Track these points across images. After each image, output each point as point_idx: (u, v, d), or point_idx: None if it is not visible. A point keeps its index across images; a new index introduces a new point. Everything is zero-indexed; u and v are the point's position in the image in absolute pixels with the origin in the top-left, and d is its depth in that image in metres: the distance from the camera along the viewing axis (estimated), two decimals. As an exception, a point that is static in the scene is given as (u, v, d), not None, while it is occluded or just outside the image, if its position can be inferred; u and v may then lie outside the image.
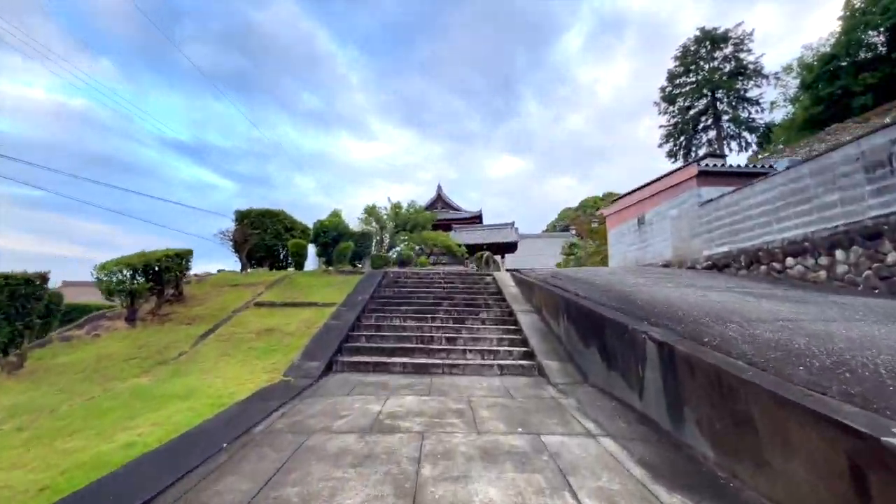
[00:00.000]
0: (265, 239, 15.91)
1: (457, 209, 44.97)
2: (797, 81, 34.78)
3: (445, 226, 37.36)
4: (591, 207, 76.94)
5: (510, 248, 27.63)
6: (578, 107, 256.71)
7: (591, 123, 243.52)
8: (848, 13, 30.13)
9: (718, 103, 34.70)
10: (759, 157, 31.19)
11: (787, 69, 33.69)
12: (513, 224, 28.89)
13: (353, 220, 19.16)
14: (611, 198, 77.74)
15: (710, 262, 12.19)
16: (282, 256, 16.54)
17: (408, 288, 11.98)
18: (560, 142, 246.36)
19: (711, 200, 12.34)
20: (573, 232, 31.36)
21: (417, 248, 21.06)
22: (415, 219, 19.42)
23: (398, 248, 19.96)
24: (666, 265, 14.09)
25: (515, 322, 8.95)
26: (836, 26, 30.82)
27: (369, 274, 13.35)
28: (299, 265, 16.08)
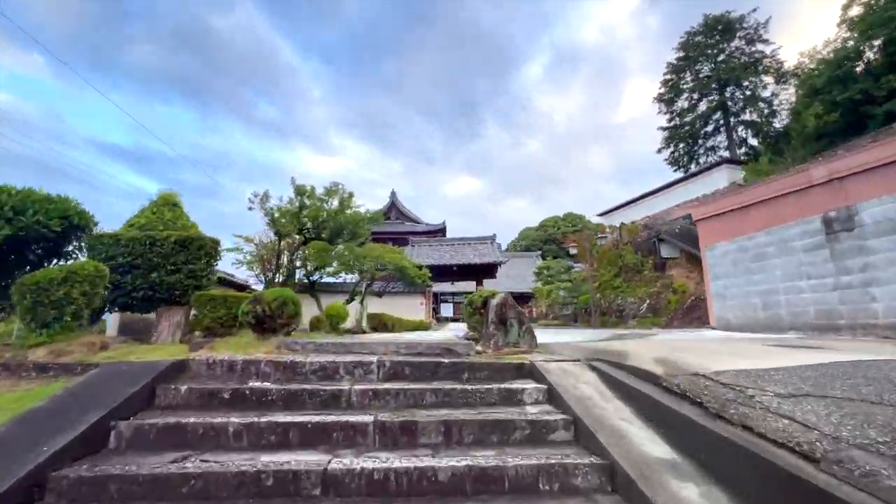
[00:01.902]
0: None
1: (415, 220, 36.25)
2: (790, 90, 30.07)
3: (400, 240, 28.41)
4: (551, 227, 71.47)
5: (490, 271, 19.49)
6: (535, 132, 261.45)
7: (546, 149, 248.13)
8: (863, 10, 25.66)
9: (729, 102, 29.12)
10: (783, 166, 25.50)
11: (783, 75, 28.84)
12: (493, 238, 20.72)
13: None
14: (571, 219, 72.28)
15: None
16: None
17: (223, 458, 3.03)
18: (517, 165, 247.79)
19: None
20: (569, 250, 23.85)
21: (346, 275, 12.24)
22: (341, 219, 10.41)
23: (304, 273, 11.04)
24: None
25: None
26: (830, 33, 26.24)
27: (106, 374, 4.14)
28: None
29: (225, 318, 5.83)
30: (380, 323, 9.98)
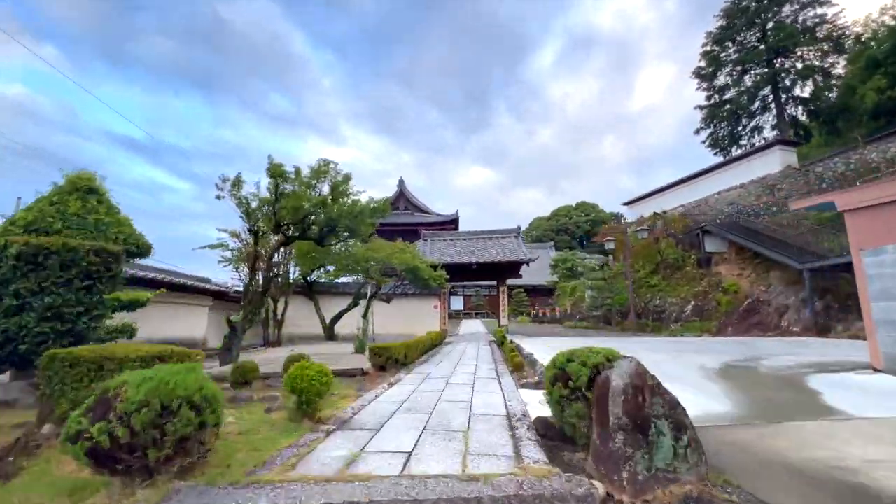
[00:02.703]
0: None
1: (425, 211, 33.58)
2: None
3: (409, 232, 25.82)
4: (563, 217, 68.05)
5: (514, 269, 16.81)
6: (548, 121, 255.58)
7: (559, 139, 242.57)
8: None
9: (780, 76, 25.68)
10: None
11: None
12: (518, 232, 17.92)
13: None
14: (584, 208, 68.61)
15: None
16: None
17: None
18: (528, 155, 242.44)
19: None
20: (605, 245, 20.91)
21: (349, 277, 9.71)
22: (333, 211, 7.66)
23: (300, 273, 8.49)
24: None
25: None
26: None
27: None
28: None
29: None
30: (388, 359, 7.46)
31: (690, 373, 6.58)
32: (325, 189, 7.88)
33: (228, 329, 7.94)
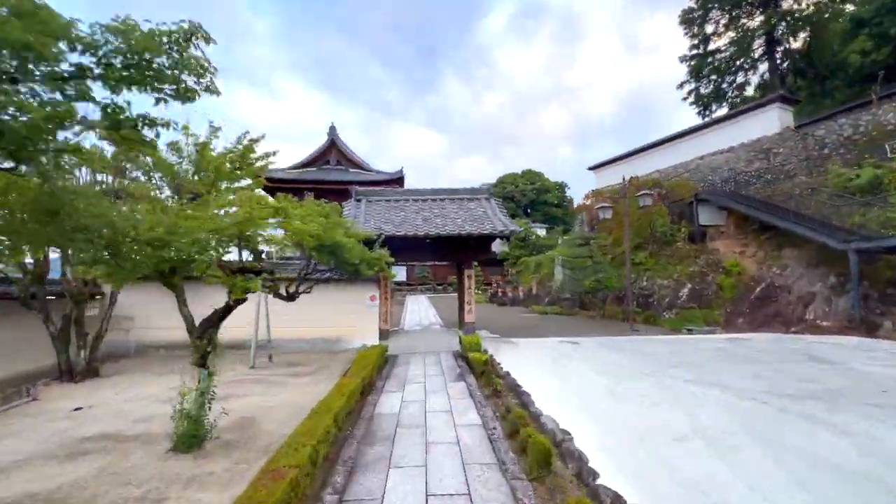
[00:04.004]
0: None
1: (362, 167, 27.35)
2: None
3: (342, 192, 19.88)
4: (509, 184, 64.45)
5: (485, 247, 11.71)
6: (495, 88, 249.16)
7: (504, 106, 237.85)
8: None
9: (780, 23, 22.42)
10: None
11: None
12: (490, 193, 12.77)
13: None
14: (530, 176, 65.35)
15: None
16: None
17: None
18: (474, 122, 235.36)
19: None
20: (600, 215, 16.75)
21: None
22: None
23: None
24: None
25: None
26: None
27: None
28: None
29: None
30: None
31: None
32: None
33: None
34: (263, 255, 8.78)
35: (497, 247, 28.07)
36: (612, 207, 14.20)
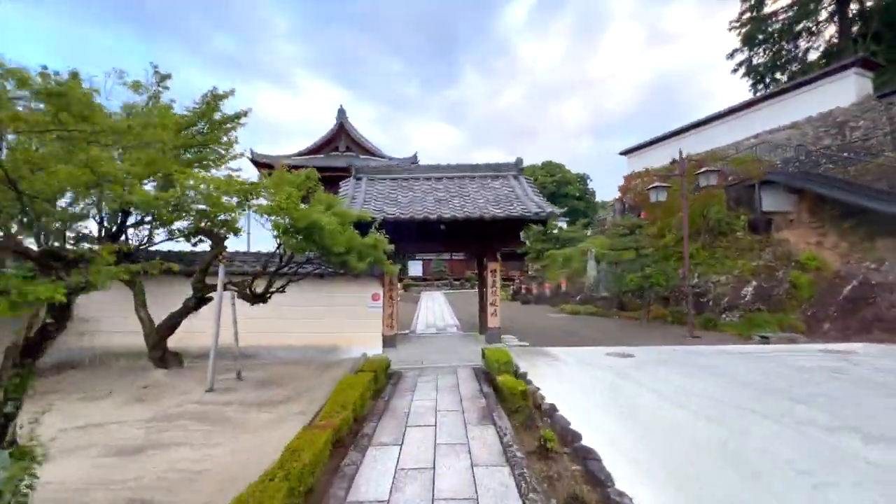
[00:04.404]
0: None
1: (373, 153, 25.31)
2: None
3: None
4: (528, 176, 61.68)
5: (512, 233, 9.54)
6: (514, 81, 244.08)
7: (522, 100, 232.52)
8: None
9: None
10: None
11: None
12: (519, 168, 10.56)
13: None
14: (550, 168, 62.41)
15: None
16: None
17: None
18: (491, 115, 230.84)
19: None
20: (620, 198, 14.39)
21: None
22: None
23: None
24: None
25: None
26: None
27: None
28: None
29: None
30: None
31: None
32: None
33: None
34: (226, 244, 6.81)
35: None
36: (668, 187, 11.67)
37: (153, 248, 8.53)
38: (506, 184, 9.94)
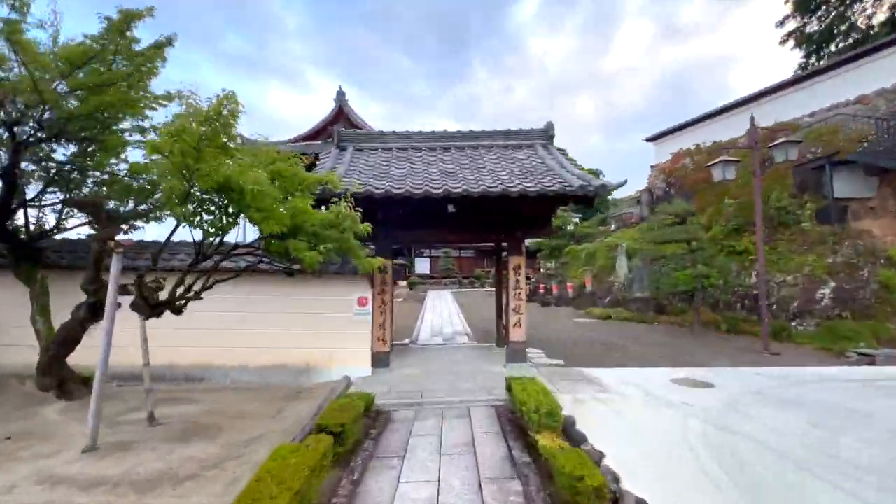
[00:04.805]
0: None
1: (375, 138, 22.90)
2: None
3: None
4: None
5: (543, 215, 7.38)
6: (524, 78, 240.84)
7: (533, 96, 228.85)
8: None
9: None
10: None
11: None
12: (549, 135, 8.50)
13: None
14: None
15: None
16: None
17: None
18: (502, 111, 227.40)
19: None
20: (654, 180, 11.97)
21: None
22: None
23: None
24: None
25: None
26: None
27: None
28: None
29: None
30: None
31: None
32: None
33: None
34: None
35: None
36: (738, 161, 9.22)
37: (60, 236, 6.38)
38: (532, 154, 7.60)
